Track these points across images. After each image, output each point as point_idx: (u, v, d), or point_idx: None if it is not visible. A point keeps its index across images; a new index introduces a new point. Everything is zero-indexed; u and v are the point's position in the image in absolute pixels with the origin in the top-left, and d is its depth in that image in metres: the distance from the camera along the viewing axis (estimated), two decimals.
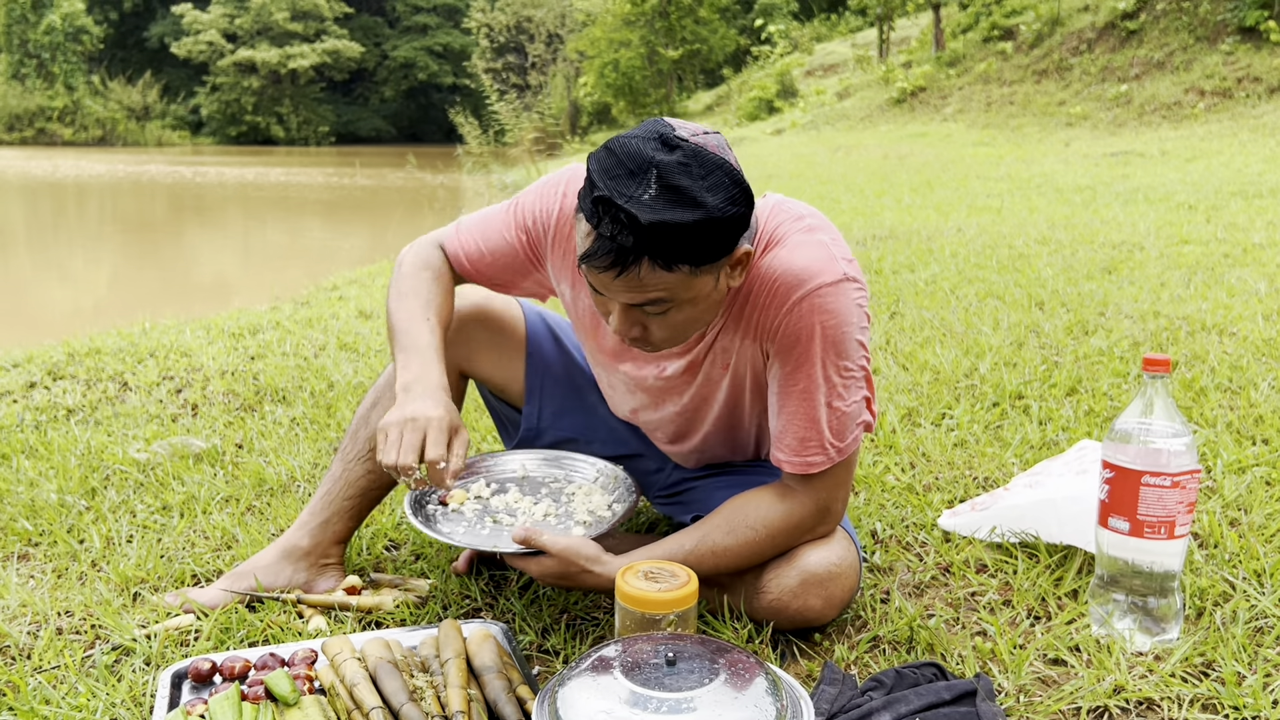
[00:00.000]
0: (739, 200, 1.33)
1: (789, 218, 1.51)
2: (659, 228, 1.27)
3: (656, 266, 1.31)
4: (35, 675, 1.50)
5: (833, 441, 1.50)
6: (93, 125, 42.48)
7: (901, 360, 3.17)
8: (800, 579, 1.50)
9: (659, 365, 1.63)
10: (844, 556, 1.53)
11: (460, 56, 47.85)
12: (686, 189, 1.28)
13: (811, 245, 1.47)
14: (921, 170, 11.47)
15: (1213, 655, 1.43)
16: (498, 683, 1.34)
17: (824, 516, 1.54)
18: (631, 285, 1.34)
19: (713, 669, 1.09)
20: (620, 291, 1.36)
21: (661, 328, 1.43)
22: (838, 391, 1.48)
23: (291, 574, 1.73)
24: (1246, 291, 3.90)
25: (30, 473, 2.42)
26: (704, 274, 1.36)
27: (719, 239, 1.32)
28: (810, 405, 1.48)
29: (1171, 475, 1.44)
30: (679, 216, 1.27)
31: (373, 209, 15.97)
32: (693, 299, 1.39)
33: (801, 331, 1.45)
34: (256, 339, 3.91)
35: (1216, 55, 14.79)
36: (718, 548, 1.52)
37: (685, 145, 1.31)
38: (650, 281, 1.33)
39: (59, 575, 1.89)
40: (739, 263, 1.41)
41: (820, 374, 1.47)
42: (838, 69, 25.08)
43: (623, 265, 1.31)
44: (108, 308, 7.21)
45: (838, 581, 1.52)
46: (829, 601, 1.52)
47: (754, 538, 1.51)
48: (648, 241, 1.28)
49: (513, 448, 1.93)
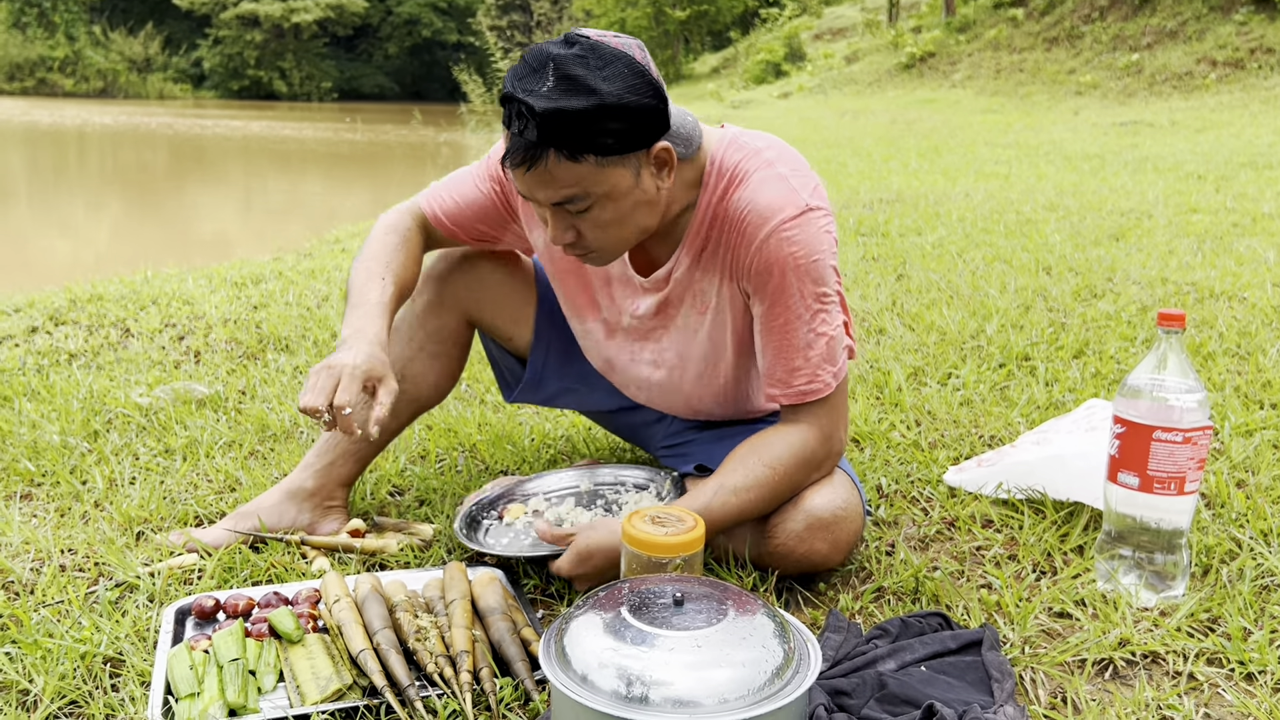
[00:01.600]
0: (640, 91, 1.35)
1: (749, 153, 1.52)
2: (554, 115, 1.31)
3: (563, 158, 1.35)
4: (39, 610, 1.50)
5: (823, 367, 1.51)
6: (94, 76, 42.13)
7: (908, 321, 3.15)
8: (806, 523, 1.50)
9: (633, 302, 1.64)
10: (848, 499, 1.53)
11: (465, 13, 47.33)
12: (581, 78, 1.32)
13: (773, 180, 1.49)
14: (929, 136, 11.39)
15: (1219, 611, 1.43)
16: (502, 624, 1.34)
17: (829, 444, 1.54)
18: (545, 180, 1.38)
19: (720, 610, 1.08)
20: (538, 189, 1.40)
21: (591, 229, 1.45)
22: (819, 319, 1.50)
23: (295, 515, 1.73)
24: (1256, 260, 3.87)
25: (32, 415, 2.42)
26: (613, 166, 1.38)
27: (620, 127, 1.35)
28: (794, 336, 1.50)
29: (1183, 431, 1.43)
30: (573, 103, 1.31)
31: (375, 166, 15.88)
32: (609, 194, 1.40)
33: (773, 266, 1.47)
34: (259, 288, 3.89)
35: (1230, 25, 14.63)
36: (738, 491, 1.49)
37: (584, 41, 1.36)
38: (560, 175, 1.37)
39: (62, 515, 1.89)
40: (662, 162, 1.44)
41: (799, 304, 1.49)
42: (846, 33, 24.84)
43: (532, 160, 1.36)
44: (109, 258, 7.18)
45: (842, 525, 1.51)
46: (835, 545, 1.52)
47: (770, 477, 1.50)
48: (548, 131, 1.32)
49: (513, 399, 1.94)
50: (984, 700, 1.21)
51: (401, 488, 2.01)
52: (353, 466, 1.77)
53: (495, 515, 1.71)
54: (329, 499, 1.75)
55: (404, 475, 2.05)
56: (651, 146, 1.41)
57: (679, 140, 1.48)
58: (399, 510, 1.90)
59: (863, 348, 2.91)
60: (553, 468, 2.07)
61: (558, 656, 1.06)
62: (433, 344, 1.79)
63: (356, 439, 1.56)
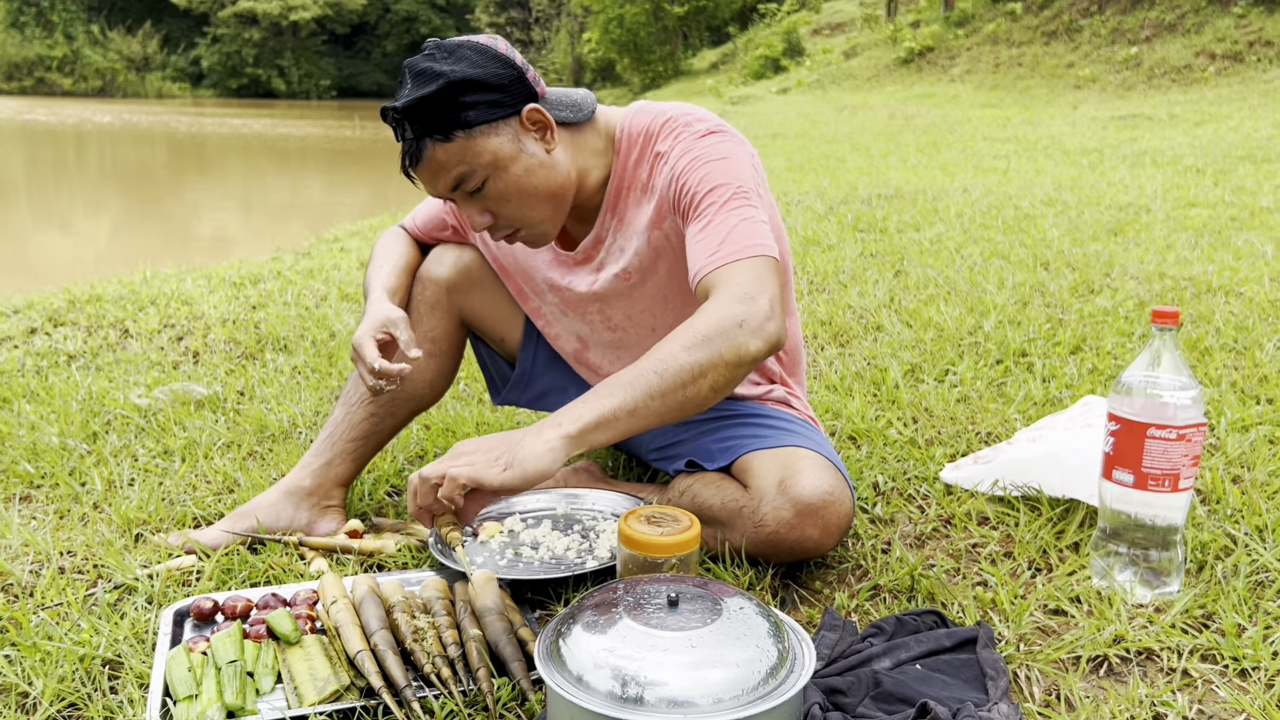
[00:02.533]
0: (486, 65, 1.47)
1: (655, 114, 1.61)
2: (413, 106, 1.44)
3: (437, 142, 1.46)
4: (37, 612, 1.51)
5: (744, 241, 1.43)
6: (92, 75, 42.12)
7: (905, 317, 3.16)
8: (795, 510, 1.50)
9: (571, 279, 1.72)
10: (835, 484, 1.54)
11: (463, 10, 47.30)
12: (428, 69, 1.46)
13: (675, 124, 1.58)
14: (928, 131, 11.39)
15: (1213, 607, 1.43)
16: (499, 624, 1.34)
17: (746, 300, 1.37)
18: (434, 170, 1.49)
19: (715, 609, 1.09)
20: (434, 181, 1.50)
21: (497, 203, 1.53)
22: (742, 213, 1.46)
23: (293, 514, 1.74)
24: (1253, 254, 3.87)
25: (31, 416, 2.42)
26: (485, 136, 1.48)
27: (476, 99, 1.46)
28: (715, 225, 1.46)
29: (1177, 428, 1.43)
30: (424, 90, 1.44)
31: (374, 164, 15.87)
32: (494, 163, 1.49)
33: (694, 183, 1.50)
34: (258, 288, 3.89)
35: (1228, 18, 14.62)
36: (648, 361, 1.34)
37: (435, 41, 1.51)
38: (443, 158, 1.47)
39: (60, 516, 1.89)
40: (538, 124, 1.53)
41: (720, 205, 1.47)
42: (845, 28, 24.81)
43: (416, 155, 1.48)
44: (108, 257, 7.18)
45: (832, 509, 1.52)
46: (826, 529, 1.52)
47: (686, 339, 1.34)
48: (415, 122, 1.45)
49: (501, 400, 1.98)
50: (978, 698, 1.21)
51: (399, 488, 2.02)
52: (350, 466, 1.78)
53: (470, 532, 1.71)
54: (326, 499, 1.76)
55: (401, 475, 2.06)
56: (520, 111, 1.51)
57: (563, 106, 1.58)
58: (397, 510, 1.90)
59: (860, 344, 2.91)
60: None
61: (553, 657, 1.07)
62: (428, 344, 1.81)
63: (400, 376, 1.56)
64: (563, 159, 1.56)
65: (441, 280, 1.81)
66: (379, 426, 1.79)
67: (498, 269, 1.85)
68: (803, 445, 1.63)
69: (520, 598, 1.52)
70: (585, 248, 1.69)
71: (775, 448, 1.63)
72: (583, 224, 1.70)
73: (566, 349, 1.86)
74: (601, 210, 1.65)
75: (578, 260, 1.71)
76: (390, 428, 1.81)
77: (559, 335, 1.85)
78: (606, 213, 1.65)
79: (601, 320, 1.76)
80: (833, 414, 2.33)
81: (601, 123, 1.63)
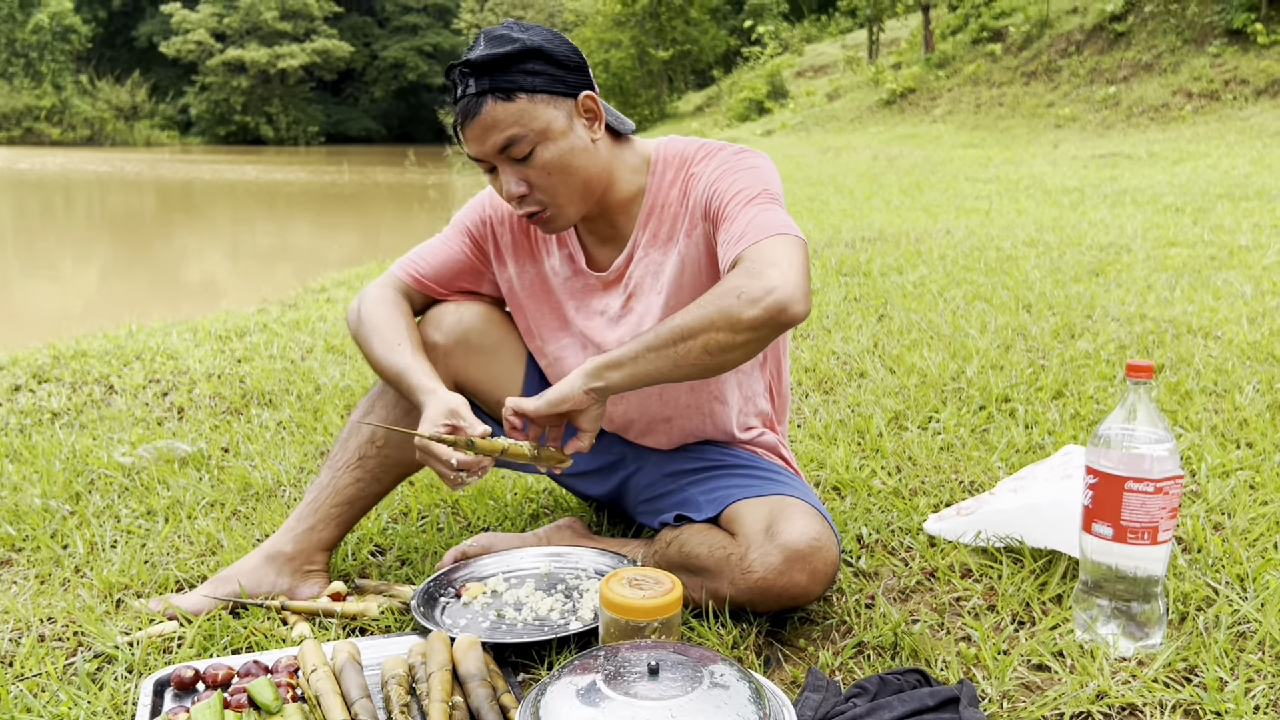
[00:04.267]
0: (558, 44, 1.58)
1: (689, 142, 1.71)
2: (486, 61, 1.53)
3: (499, 99, 1.53)
4: (16, 683, 1.49)
5: (766, 229, 1.50)
6: (81, 125, 42.30)
7: (889, 363, 3.18)
8: (783, 555, 1.51)
9: (603, 302, 1.75)
10: (821, 530, 1.55)
11: (450, 56, 47.75)
12: (506, 35, 1.56)
13: (710, 146, 1.69)
14: (910, 172, 11.51)
15: (1195, 660, 1.44)
16: (481, 691, 1.34)
17: (754, 275, 1.43)
18: (488, 126, 1.55)
19: (695, 677, 1.09)
20: (485, 138, 1.56)
21: (539, 174, 1.58)
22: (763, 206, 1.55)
23: (275, 579, 1.73)
24: (1232, 294, 3.91)
25: (14, 477, 2.41)
26: (544, 105, 1.56)
27: (543, 68, 1.55)
28: (742, 215, 1.54)
29: (1155, 481, 1.45)
30: (500, 49, 1.53)
31: (362, 209, 15.94)
32: (545, 132, 1.56)
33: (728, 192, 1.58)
34: (243, 341, 3.90)
35: (1204, 57, 14.87)
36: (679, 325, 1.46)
37: (508, 21, 1.60)
38: (500, 116, 1.54)
39: (42, 581, 1.88)
40: (590, 112, 1.62)
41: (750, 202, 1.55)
42: (828, 70, 25.13)
43: (475, 110, 1.54)
44: (95, 308, 7.18)
45: (820, 555, 1.52)
46: (814, 576, 1.52)
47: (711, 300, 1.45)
48: (481, 77, 1.53)
49: None
50: None
51: (383, 546, 2.01)
52: (334, 531, 1.77)
53: (453, 593, 1.70)
54: (309, 563, 1.75)
55: (386, 534, 2.05)
56: (578, 95, 1.60)
57: (609, 112, 1.67)
58: (380, 571, 1.90)
59: (844, 391, 2.92)
60: (534, 524, 2.07)
61: None
62: (418, 410, 1.80)
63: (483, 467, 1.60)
64: (604, 153, 1.65)
65: (438, 346, 1.78)
66: (365, 491, 1.78)
67: (512, 304, 1.83)
68: (789, 494, 1.64)
69: (504, 660, 1.52)
70: (617, 267, 1.73)
71: (762, 496, 1.64)
72: (611, 246, 1.74)
73: None
74: (635, 230, 1.71)
75: (608, 281, 1.74)
76: (376, 493, 1.80)
77: (560, 375, 1.81)
78: (639, 231, 1.70)
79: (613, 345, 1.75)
80: (817, 464, 2.33)
81: (637, 145, 1.73)
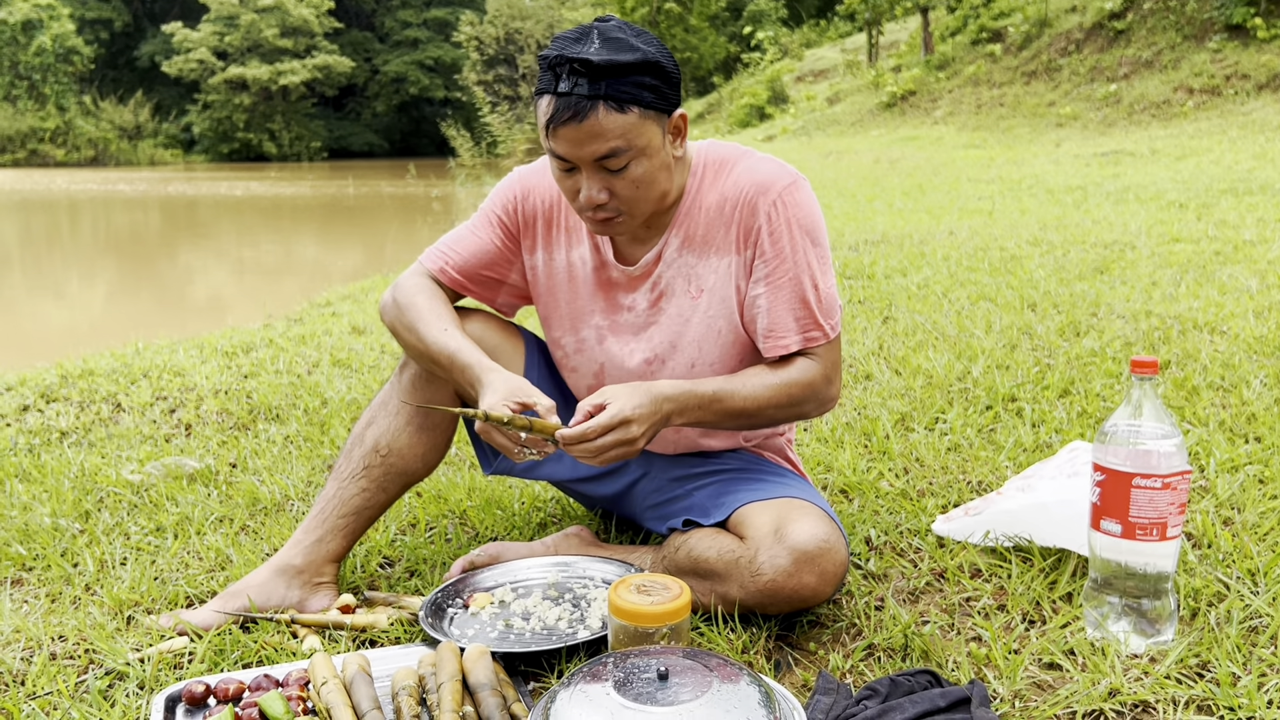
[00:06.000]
0: (668, 57, 1.55)
1: (730, 148, 1.72)
2: (607, 67, 1.47)
3: (611, 109, 1.50)
4: (29, 702, 1.50)
5: (824, 319, 1.66)
6: (85, 146, 42.46)
7: (895, 365, 3.17)
8: (792, 557, 1.51)
9: (629, 297, 1.75)
10: (830, 532, 1.56)
11: (451, 70, 47.87)
12: (624, 39, 1.51)
13: (762, 160, 1.68)
14: (913, 174, 11.50)
15: (1207, 656, 1.43)
16: (492, 700, 1.34)
17: (829, 385, 1.67)
18: (593, 133, 1.50)
19: (705, 682, 1.09)
20: (586, 144, 1.51)
21: (626, 186, 1.57)
22: (819, 276, 1.66)
23: (284, 592, 1.73)
24: (1238, 289, 3.90)
25: (24, 496, 2.42)
26: (650, 121, 1.54)
27: (658, 84, 1.53)
28: (799, 289, 1.64)
29: (1162, 476, 1.44)
30: (624, 57, 1.49)
31: (366, 224, 15.97)
32: (646, 149, 1.55)
33: (780, 227, 1.63)
34: (250, 357, 3.91)
35: (1204, 53, 14.84)
36: (740, 390, 1.62)
37: (614, 18, 1.56)
38: (609, 126, 1.50)
39: (53, 600, 1.89)
40: (678, 130, 1.61)
41: (803, 261, 1.64)
42: (828, 74, 25.14)
43: (583, 113, 1.49)
44: (103, 327, 7.20)
45: (829, 556, 1.53)
46: (823, 577, 1.53)
47: (774, 381, 1.63)
48: (601, 81, 1.48)
49: (492, 470, 1.96)
50: None
51: (392, 558, 2.02)
52: (342, 542, 1.78)
53: (461, 604, 1.71)
54: (318, 575, 1.75)
55: (394, 545, 2.05)
56: (673, 112, 1.59)
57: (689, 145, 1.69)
58: (389, 582, 1.90)
59: (850, 394, 2.92)
60: (542, 532, 2.07)
61: None
62: (420, 417, 1.81)
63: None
64: (678, 169, 1.67)
65: None
66: (371, 501, 1.79)
67: (535, 291, 1.83)
68: (797, 495, 1.65)
69: (513, 669, 1.52)
70: (645, 264, 1.73)
71: (770, 499, 1.65)
72: (641, 242, 1.74)
73: (581, 384, 1.84)
74: (668, 230, 1.71)
75: (634, 277, 1.74)
76: (382, 502, 1.81)
77: (578, 367, 1.83)
78: (671, 232, 1.71)
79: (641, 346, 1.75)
80: (824, 467, 2.33)
81: (690, 148, 1.72)
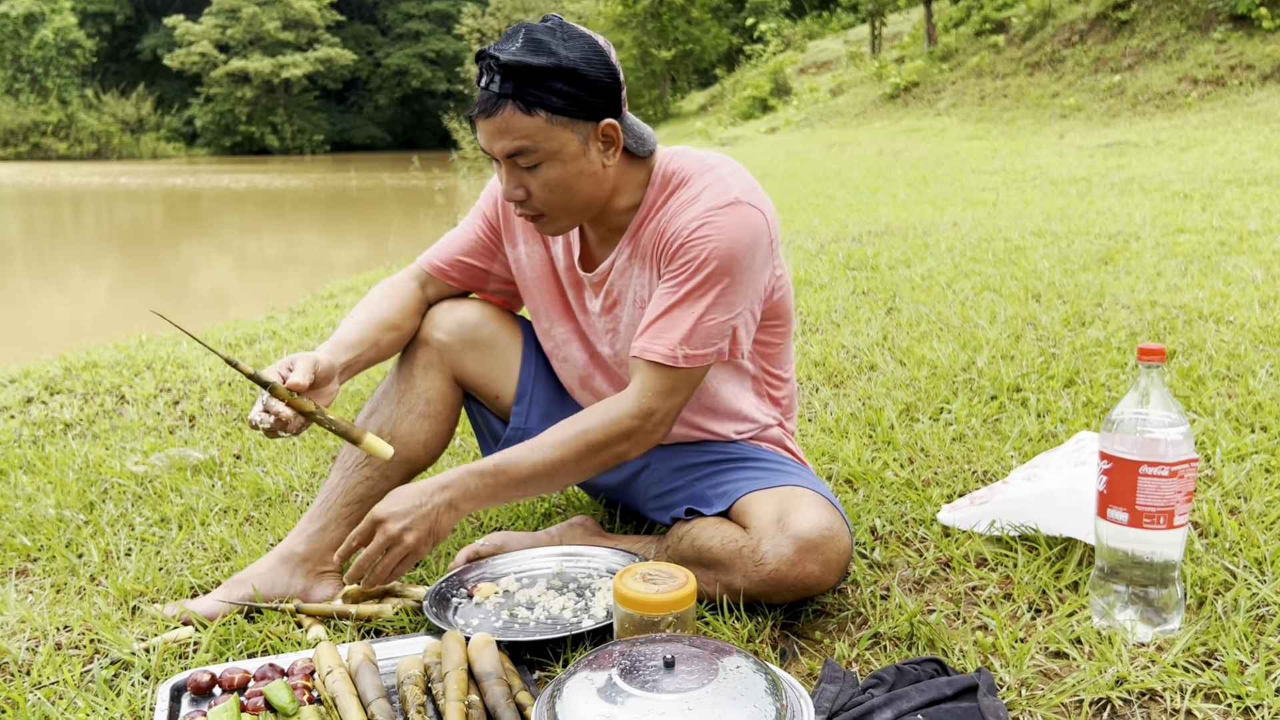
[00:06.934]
0: (595, 65, 1.53)
1: (692, 160, 1.68)
2: (515, 67, 1.49)
3: (518, 109, 1.51)
4: (34, 691, 1.50)
5: (681, 346, 1.59)
6: (87, 139, 42.49)
7: (899, 355, 3.17)
8: (795, 546, 1.51)
9: (591, 301, 1.78)
10: (833, 520, 1.55)
11: (453, 62, 47.84)
12: (545, 42, 1.52)
13: (712, 179, 1.63)
14: (916, 165, 11.48)
15: (1214, 644, 1.43)
16: (498, 689, 1.34)
17: (644, 418, 1.60)
18: (501, 129, 1.53)
19: (711, 670, 1.08)
20: (496, 139, 1.55)
21: (539, 188, 1.58)
22: (708, 307, 1.59)
23: (289, 581, 1.73)
24: (1243, 279, 3.89)
25: (28, 488, 2.42)
26: (562, 127, 1.54)
27: (572, 91, 1.52)
28: (677, 308, 1.59)
29: (1169, 465, 1.44)
30: (534, 60, 1.50)
31: (369, 216, 15.98)
32: (557, 153, 1.55)
33: (688, 246, 1.59)
34: (253, 349, 3.90)
35: (1209, 44, 14.79)
36: (528, 456, 1.60)
37: (556, 18, 1.57)
38: (515, 125, 1.52)
39: (57, 590, 1.89)
40: (609, 139, 1.59)
41: (694, 284, 1.58)
42: (831, 66, 25.09)
43: (491, 109, 1.53)
44: (106, 320, 7.21)
45: (832, 544, 1.52)
46: (827, 565, 1.52)
47: (565, 437, 1.60)
48: (509, 81, 1.50)
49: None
50: None
51: None
52: (345, 530, 1.77)
53: (465, 593, 1.70)
54: (322, 564, 1.75)
55: None
56: (599, 121, 1.57)
57: (633, 135, 1.64)
58: None
59: (855, 384, 2.92)
60: (547, 522, 2.07)
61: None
62: (421, 404, 1.82)
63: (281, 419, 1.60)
64: (610, 178, 1.64)
65: (435, 343, 1.83)
66: (374, 490, 1.79)
67: (520, 284, 1.87)
68: (799, 484, 1.64)
69: (519, 659, 1.52)
70: (601, 271, 1.74)
71: (772, 488, 1.64)
72: (606, 247, 1.75)
73: (572, 374, 1.87)
74: (622, 239, 1.71)
75: (593, 283, 1.76)
76: (385, 491, 1.81)
77: (566, 359, 1.86)
78: (625, 242, 1.71)
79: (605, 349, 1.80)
80: (829, 457, 2.33)
81: (652, 159, 1.70)
